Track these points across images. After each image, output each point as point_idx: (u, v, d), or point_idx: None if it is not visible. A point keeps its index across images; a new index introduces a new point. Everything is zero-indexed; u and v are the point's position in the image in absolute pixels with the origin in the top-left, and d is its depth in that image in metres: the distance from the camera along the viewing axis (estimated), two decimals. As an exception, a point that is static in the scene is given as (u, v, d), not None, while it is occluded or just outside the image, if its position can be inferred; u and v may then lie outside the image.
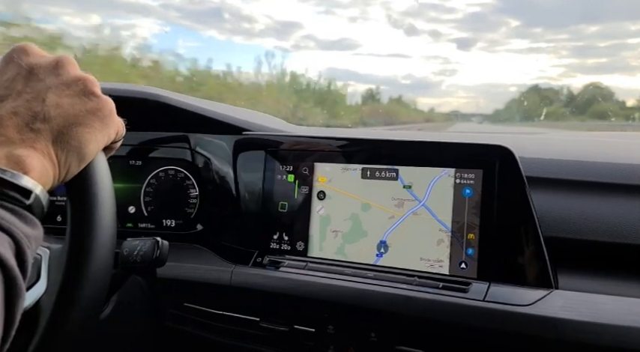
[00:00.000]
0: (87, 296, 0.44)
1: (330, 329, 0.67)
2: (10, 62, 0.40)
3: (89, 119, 0.40)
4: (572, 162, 0.69)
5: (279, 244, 0.75)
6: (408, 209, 0.67)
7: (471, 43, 9.52)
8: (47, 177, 0.37)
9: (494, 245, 0.62)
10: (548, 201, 0.65)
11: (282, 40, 9.43)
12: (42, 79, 0.39)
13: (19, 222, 0.33)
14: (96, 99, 0.41)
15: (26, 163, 0.35)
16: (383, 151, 0.71)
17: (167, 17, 5.81)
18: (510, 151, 0.62)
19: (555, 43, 6.48)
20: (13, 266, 0.31)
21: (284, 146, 0.77)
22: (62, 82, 0.40)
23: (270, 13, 8.83)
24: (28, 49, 0.41)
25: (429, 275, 0.64)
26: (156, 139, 0.86)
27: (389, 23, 9.85)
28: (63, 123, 0.38)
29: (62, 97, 0.39)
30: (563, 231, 0.63)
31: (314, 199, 0.73)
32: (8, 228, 0.32)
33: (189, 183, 0.84)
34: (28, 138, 0.36)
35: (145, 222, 0.84)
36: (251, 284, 0.71)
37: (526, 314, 0.55)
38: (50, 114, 0.38)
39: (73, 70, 0.41)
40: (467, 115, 3.44)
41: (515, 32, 8.37)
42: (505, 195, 0.62)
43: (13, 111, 0.37)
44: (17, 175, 0.34)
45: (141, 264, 0.55)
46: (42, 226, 0.36)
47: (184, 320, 0.77)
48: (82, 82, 0.41)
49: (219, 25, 8.15)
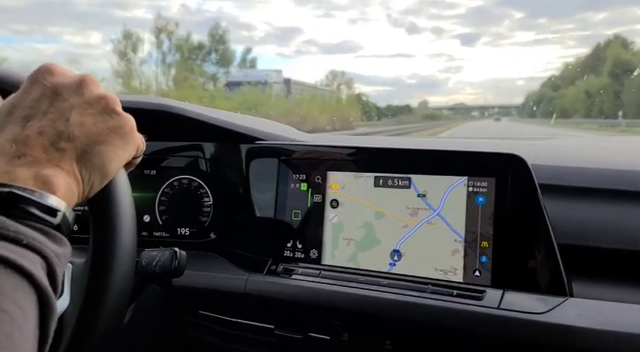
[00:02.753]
0: (109, 310, 0.45)
1: (345, 337, 0.67)
2: (35, 82, 0.41)
3: (111, 137, 0.41)
4: (585, 169, 0.69)
5: (293, 252, 0.75)
6: (423, 218, 0.67)
7: (474, 39, 9.52)
8: (72, 195, 0.38)
9: (508, 252, 0.62)
10: (561, 208, 0.65)
11: (283, 46, 9.51)
12: (66, 99, 0.40)
13: (48, 241, 0.34)
14: (117, 117, 0.42)
15: (53, 183, 0.36)
16: (396, 160, 0.72)
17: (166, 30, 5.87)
18: (523, 159, 0.63)
19: (561, 34, 6.48)
20: (46, 286, 0.32)
21: (297, 155, 0.78)
22: (85, 101, 0.40)
23: (268, 20, 8.92)
24: (53, 69, 0.41)
25: (443, 283, 0.65)
26: (170, 149, 0.87)
27: (389, 23, 9.88)
28: (86, 141, 0.39)
29: (85, 116, 0.40)
30: (577, 238, 0.63)
31: (327, 207, 0.74)
32: (40, 249, 0.33)
33: (203, 191, 0.85)
34: (53, 158, 0.37)
35: (160, 231, 0.85)
36: (265, 292, 0.72)
37: (541, 322, 0.56)
38: (74, 134, 0.39)
39: (96, 89, 0.42)
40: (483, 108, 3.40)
41: (519, 24, 8.38)
42: (518, 202, 0.62)
43: (39, 131, 0.38)
44: (45, 195, 0.35)
45: (159, 275, 0.56)
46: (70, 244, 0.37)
47: (199, 328, 0.78)
48: (104, 100, 0.41)
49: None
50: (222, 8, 18.11)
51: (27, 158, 0.36)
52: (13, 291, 0.30)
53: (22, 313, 0.30)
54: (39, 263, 0.33)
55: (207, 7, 25.64)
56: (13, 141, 0.37)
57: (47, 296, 0.32)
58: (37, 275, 0.31)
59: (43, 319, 0.32)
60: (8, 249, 0.31)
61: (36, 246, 0.33)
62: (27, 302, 0.30)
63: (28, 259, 0.32)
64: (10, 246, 0.32)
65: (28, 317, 0.30)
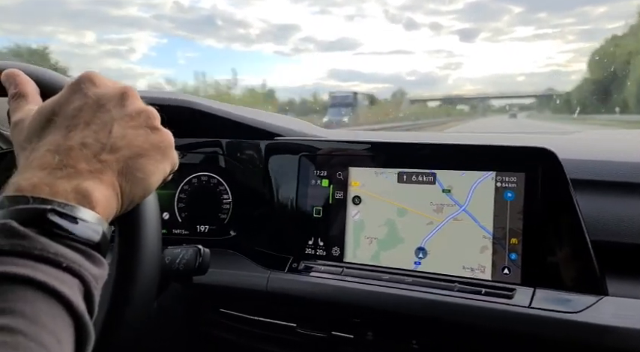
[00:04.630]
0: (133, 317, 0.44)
1: (369, 336, 0.66)
2: (77, 91, 0.40)
3: (152, 151, 0.40)
4: (618, 163, 0.66)
5: (315, 250, 0.74)
6: (448, 214, 0.65)
7: (474, 34, 9.41)
8: (111, 210, 0.37)
9: (539, 249, 0.60)
10: (594, 203, 0.63)
11: (280, 44, 9.51)
12: (109, 110, 0.39)
13: (88, 263, 0.33)
14: (158, 132, 0.41)
15: (93, 197, 0.35)
16: (419, 155, 0.70)
17: (162, 28, 5.92)
18: (553, 153, 0.61)
19: (561, 28, 6.37)
20: (84, 312, 0.31)
21: (318, 151, 0.76)
22: (127, 114, 0.40)
23: (264, 17, 8.92)
24: (95, 79, 0.41)
25: (471, 281, 0.63)
26: (189, 145, 0.86)
27: (387, 19, 9.80)
28: (128, 154, 0.38)
29: (127, 129, 0.39)
30: (611, 234, 0.61)
31: (349, 204, 0.72)
32: (79, 272, 0.32)
33: (222, 188, 0.84)
34: (95, 170, 0.36)
35: (179, 228, 0.84)
36: (287, 290, 0.71)
37: (576, 322, 0.54)
38: (117, 146, 0.38)
39: (137, 102, 0.41)
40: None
41: (518, 19, 8.26)
42: (549, 198, 0.60)
43: (82, 141, 0.37)
44: (86, 212, 0.34)
45: (183, 273, 0.55)
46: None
47: (220, 326, 0.78)
48: (145, 114, 0.41)
49: (216, 33, 8.28)
50: (217, 5, 18.01)
51: (68, 170, 0.35)
52: (52, 322, 0.29)
53: (60, 346, 0.29)
54: (77, 287, 0.32)
55: (201, 5, 25.50)
56: (55, 151, 0.36)
57: (84, 324, 0.31)
58: (75, 303, 0.31)
59: (79, 347, 0.31)
60: (48, 272, 0.30)
61: (75, 269, 0.32)
62: (65, 332, 0.30)
63: (68, 285, 0.31)
64: (50, 269, 0.31)
65: (64, 349, 0.29)
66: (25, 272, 0.29)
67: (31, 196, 0.33)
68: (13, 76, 0.44)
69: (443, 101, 11.08)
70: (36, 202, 0.33)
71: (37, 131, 0.38)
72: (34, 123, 0.39)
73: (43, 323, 0.28)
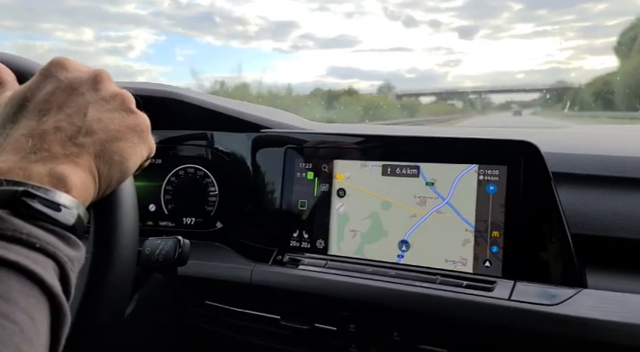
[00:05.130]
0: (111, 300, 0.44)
1: (352, 328, 0.66)
2: (48, 76, 0.39)
3: (129, 134, 0.40)
4: (599, 156, 0.67)
5: (299, 242, 0.74)
6: (432, 207, 0.66)
7: (473, 31, 9.38)
8: (87, 193, 0.37)
9: (520, 243, 0.61)
10: (575, 197, 0.63)
11: (279, 41, 9.46)
12: (82, 93, 0.39)
13: (62, 244, 0.33)
14: (134, 115, 0.41)
15: (68, 180, 0.35)
16: (404, 147, 0.70)
17: (159, 26, 5.88)
18: (536, 147, 0.61)
19: (561, 25, 6.34)
20: (59, 293, 0.31)
21: (303, 143, 0.76)
22: (101, 97, 0.40)
23: (263, 14, 8.87)
24: (66, 63, 0.40)
25: (453, 274, 0.63)
26: (175, 137, 0.86)
27: (386, 16, 9.75)
28: (105, 137, 0.38)
29: (102, 112, 0.39)
30: (591, 228, 0.61)
31: (334, 196, 0.72)
32: (53, 253, 0.32)
33: (209, 181, 0.84)
34: (71, 153, 0.36)
35: (166, 220, 0.84)
36: (271, 282, 0.71)
37: (555, 314, 0.54)
38: (93, 129, 0.38)
39: (111, 86, 0.41)
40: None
41: (518, 16, 8.23)
42: (531, 191, 0.61)
43: (56, 125, 0.37)
44: (60, 194, 0.34)
45: (163, 264, 0.55)
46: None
47: (205, 318, 0.78)
48: (120, 97, 0.41)
49: (214, 30, 8.24)
50: (215, 2, 17.79)
51: (43, 153, 0.35)
52: (24, 300, 0.29)
53: (33, 323, 0.29)
54: (52, 268, 0.32)
55: (198, 1, 25.18)
56: (28, 135, 0.36)
57: (60, 304, 0.31)
58: (49, 282, 0.30)
59: (55, 327, 0.31)
60: (21, 253, 0.30)
61: (49, 250, 0.32)
62: (38, 311, 0.30)
63: (41, 264, 0.31)
64: (23, 249, 0.30)
65: (39, 328, 0.29)
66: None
67: (4, 179, 0.33)
68: None
69: (436, 96, 10.75)
70: (9, 184, 0.32)
71: (10, 117, 0.38)
72: (7, 108, 0.39)
73: (16, 301, 0.28)
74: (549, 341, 0.55)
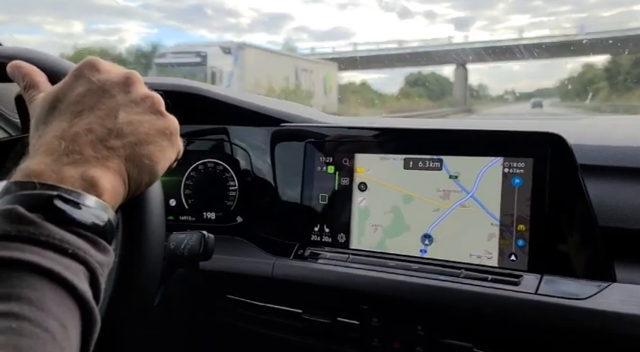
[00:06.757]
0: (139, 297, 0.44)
1: (375, 322, 0.66)
2: (80, 77, 0.39)
3: (158, 137, 0.40)
4: (629, 148, 0.65)
5: (320, 236, 0.74)
6: (455, 201, 0.65)
7: (469, 23, 9.23)
8: (117, 197, 0.37)
9: (546, 236, 0.60)
10: (603, 189, 0.62)
11: (273, 34, 9.38)
12: (113, 95, 0.39)
13: (93, 250, 0.33)
14: (163, 118, 0.41)
15: (99, 185, 0.35)
16: (426, 140, 0.69)
17: (151, 18, 5.87)
18: (563, 138, 0.59)
19: (557, 16, 6.20)
20: (90, 299, 0.31)
21: (324, 137, 0.76)
22: (132, 100, 0.39)
23: (255, 6, 8.81)
24: (98, 65, 0.40)
25: (477, 268, 0.62)
26: (195, 132, 0.86)
27: (380, 7, 9.62)
28: (135, 140, 0.38)
29: (132, 115, 0.39)
30: (620, 220, 0.60)
31: (355, 190, 0.72)
32: (84, 259, 0.32)
33: (229, 175, 0.84)
34: (102, 156, 0.36)
35: (186, 215, 0.85)
36: (293, 276, 0.71)
37: (583, 308, 0.53)
38: (124, 131, 0.38)
39: (141, 88, 0.41)
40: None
41: (514, 7, 8.11)
42: (557, 184, 0.60)
43: (88, 127, 0.37)
44: (92, 199, 0.34)
45: (187, 258, 0.55)
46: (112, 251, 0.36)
47: (227, 312, 0.78)
48: (150, 100, 0.41)
49: (207, 23, 8.22)
50: None
51: (75, 156, 0.35)
52: (57, 307, 0.29)
53: (65, 331, 0.29)
54: (83, 273, 0.32)
55: None
56: (61, 137, 0.36)
57: (90, 310, 0.31)
58: (81, 289, 0.31)
59: (85, 333, 0.31)
60: (54, 259, 0.31)
61: (80, 256, 0.32)
62: (70, 318, 0.30)
63: (73, 271, 0.31)
64: (56, 255, 0.31)
65: (70, 334, 0.30)
66: (32, 259, 0.30)
67: (38, 182, 0.33)
68: (18, 68, 0.44)
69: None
70: (43, 188, 0.33)
71: (42, 118, 0.38)
72: (39, 110, 0.39)
73: (49, 309, 0.29)
74: (578, 335, 0.54)
